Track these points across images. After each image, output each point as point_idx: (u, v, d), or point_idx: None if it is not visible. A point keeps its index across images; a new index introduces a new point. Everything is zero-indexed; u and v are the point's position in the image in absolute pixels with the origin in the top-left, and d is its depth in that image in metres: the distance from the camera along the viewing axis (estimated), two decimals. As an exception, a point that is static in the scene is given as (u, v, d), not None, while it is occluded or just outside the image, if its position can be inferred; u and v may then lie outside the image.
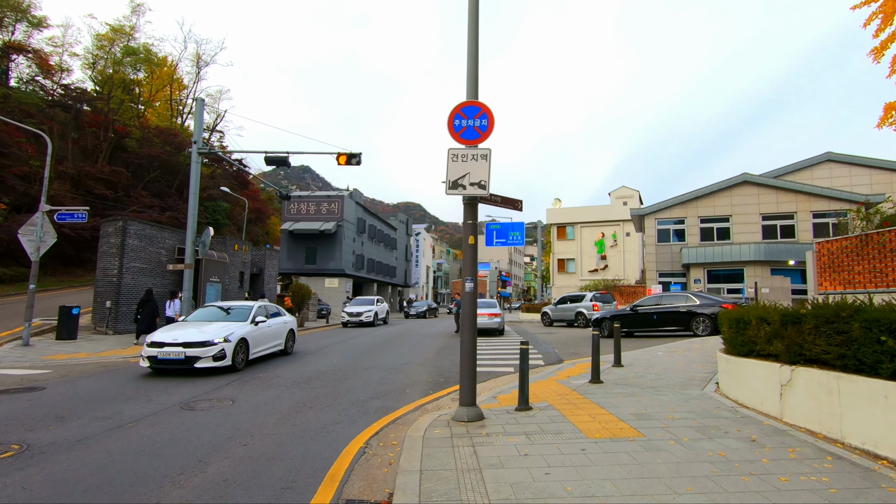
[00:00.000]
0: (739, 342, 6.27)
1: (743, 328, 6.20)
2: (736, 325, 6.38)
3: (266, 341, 11.32)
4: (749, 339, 6.04)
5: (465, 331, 5.69)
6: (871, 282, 9.69)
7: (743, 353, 6.19)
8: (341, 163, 14.31)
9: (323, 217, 36.64)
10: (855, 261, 10.08)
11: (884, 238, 9.36)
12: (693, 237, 28.02)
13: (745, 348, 6.15)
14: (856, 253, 10.07)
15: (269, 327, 11.53)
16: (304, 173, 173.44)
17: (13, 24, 40.68)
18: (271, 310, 12.36)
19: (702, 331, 14.06)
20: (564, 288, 41.19)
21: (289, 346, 12.46)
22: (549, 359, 11.63)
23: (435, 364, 10.95)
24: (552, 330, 21.44)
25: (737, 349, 6.34)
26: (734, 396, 6.29)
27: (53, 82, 41.16)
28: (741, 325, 6.26)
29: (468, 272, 5.79)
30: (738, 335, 6.32)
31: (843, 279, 10.38)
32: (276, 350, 11.89)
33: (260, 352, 10.99)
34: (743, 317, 6.27)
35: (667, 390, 7.04)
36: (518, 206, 6.54)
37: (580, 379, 8.27)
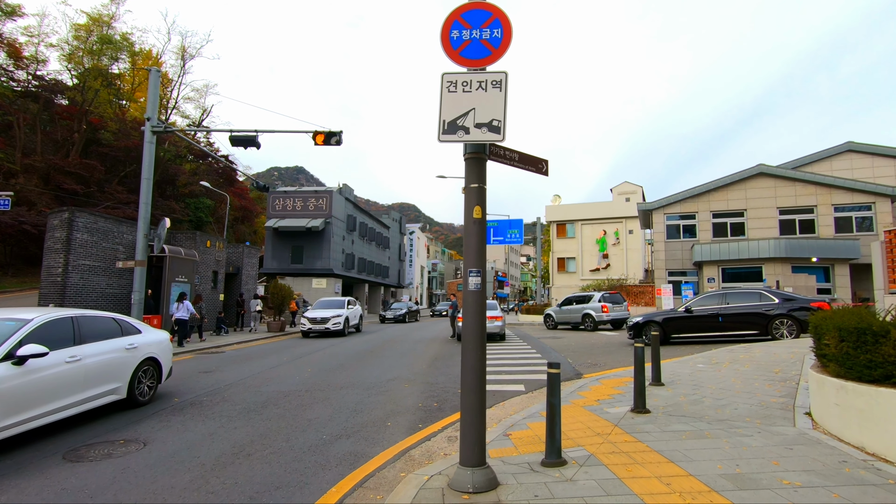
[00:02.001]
0: (863, 362, 4.34)
1: (871, 342, 4.27)
2: (856, 338, 4.45)
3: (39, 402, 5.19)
4: (886, 358, 4.12)
5: (469, 351, 3.73)
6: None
7: (872, 379, 4.26)
8: (318, 142, 12.31)
9: (310, 214, 34.56)
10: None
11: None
12: (705, 233, 26.21)
13: (876, 372, 4.23)
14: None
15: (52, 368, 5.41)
16: (298, 174, 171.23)
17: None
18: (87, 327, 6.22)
19: (785, 334, 11.89)
20: (564, 288, 39.32)
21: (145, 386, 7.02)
22: (565, 373, 9.67)
23: (427, 380, 8.96)
24: (557, 334, 19.52)
25: (858, 372, 4.41)
26: (857, 441, 4.36)
27: (28, 73, 38.84)
28: (866, 337, 4.33)
29: (473, 261, 3.82)
30: (859, 352, 4.39)
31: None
32: (99, 403, 6.14)
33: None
34: (869, 325, 4.34)
35: (745, 426, 5.10)
36: (542, 167, 4.58)
37: (615, 404, 6.32)
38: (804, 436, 4.73)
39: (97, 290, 15.03)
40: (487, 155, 4.01)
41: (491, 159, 4.14)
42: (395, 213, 57.22)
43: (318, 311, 19.64)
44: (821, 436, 4.71)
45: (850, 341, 4.53)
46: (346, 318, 19.60)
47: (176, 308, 15.15)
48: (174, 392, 7.96)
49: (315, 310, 20.17)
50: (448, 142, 3.77)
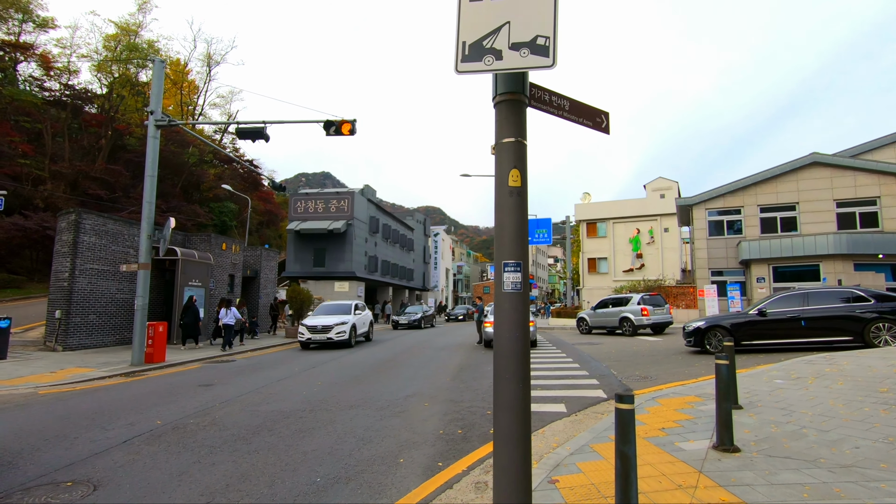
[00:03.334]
0: None
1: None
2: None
3: None
4: None
5: (505, 383, 2.52)
6: None
7: None
8: (330, 132, 11.28)
9: (332, 216, 33.85)
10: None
11: None
12: (752, 229, 24.20)
13: None
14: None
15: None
16: (325, 179, 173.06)
17: (19, 24, 39.30)
18: None
19: (887, 341, 10.09)
20: (596, 290, 37.52)
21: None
22: (610, 387, 8.31)
23: (450, 397, 7.74)
24: (593, 339, 18.02)
25: None
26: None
27: (60, 84, 39.55)
28: None
29: (510, 250, 2.60)
30: None
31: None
32: None
33: None
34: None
35: (883, 475, 3.70)
36: (602, 121, 3.31)
37: (688, 435, 4.97)
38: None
39: (106, 296, 14.39)
40: (527, 96, 2.78)
41: (533, 106, 2.90)
42: (418, 215, 56.27)
43: (318, 318, 16.57)
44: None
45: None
46: (353, 326, 16.59)
47: (224, 314, 15.50)
48: (160, 412, 6.97)
49: (315, 316, 17.16)
50: (470, 72, 2.56)
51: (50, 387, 8.86)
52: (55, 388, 8.86)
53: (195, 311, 15.45)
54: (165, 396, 8.12)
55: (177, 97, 50.18)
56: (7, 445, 5.35)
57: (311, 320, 16.47)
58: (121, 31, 43.60)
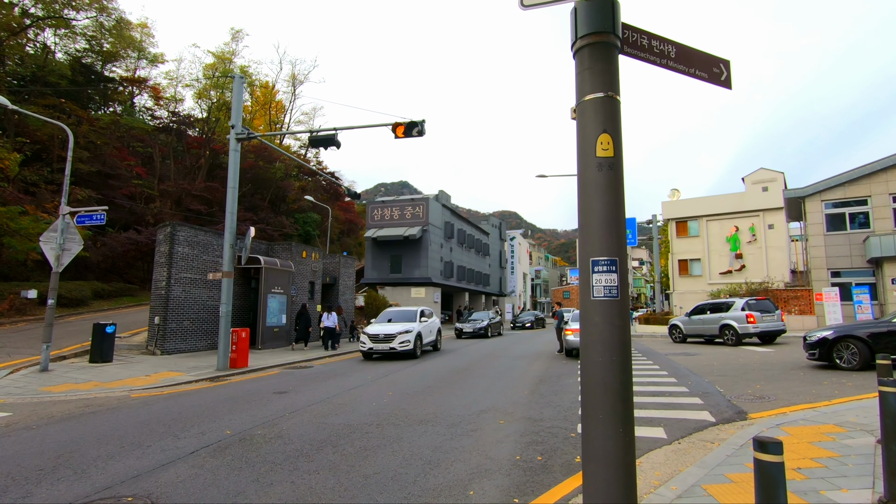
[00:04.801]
0: None
1: None
2: None
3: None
4: None
5: (598, 439, 1.80)
6: None
7: None
8: (399, 134, 11.04)
9: (407, 222, 34.17)
10: None
11: None
12: (883, 221, 20.80)
13: None
14: None
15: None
16: (403, 188, 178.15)
17: (135, 61, 44.33)
18: None
19: None
20: (688, 294, 34.47)
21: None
22: (719, 409, 7.10)
23: (528, 414, 7.00)
24: (688, 349, 16.23)
25: None
26: None
27: (168, 111, 44.00)
28: None
29: (600, 244, 1.92)
30: None
31: None
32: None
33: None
34: None
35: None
36: (721, 72, 2.50)
37: (837, 481, 3.87)
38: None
39: (199, 303, 15.27)
40: (619, 38, 2.08)
41: (627, 53, 2.19)
42: (494, 220, 55.54)
43: (381, 326, 15.32)
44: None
45: None
46: (419, 335, 15.21)
47: (326, 318, 17.44)
48: (232, 421, 6.93)
49: (378, 324, 15.89)
50: (540, 4, 1.92)
51: (142, 390, 9.32)
52: (146, 391, 9.31)
53: (307, 317, 17.34)
54: (241, 403, 8.16)
55: (266, 117, 53.86)
56: (87, 451, 5.46)
57: (373, 328, 15.29)
58: (217, 59, 47.65)
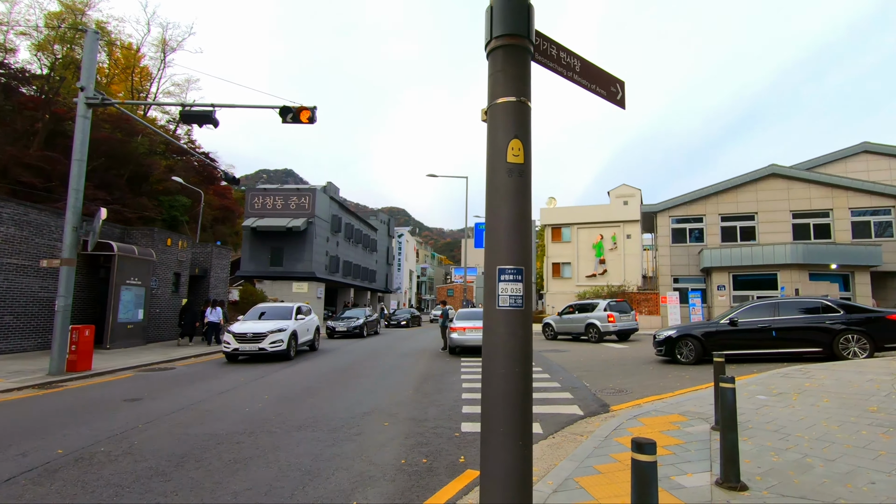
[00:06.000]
0: None
1: None
2: None
3: None
4: None
5: (498, 454, 1.75)
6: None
7: None
8: (287, 120, 10.30)
9: (291, 213, 32.35)
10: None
11: None
12: (713, 237, 24.59)
13: None
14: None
15: None
16: (287, 176, 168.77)
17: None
18: None
19: (856, 353, 10.02)
20: (560, 294, 37.59)
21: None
22: (587, 403, 7.73)
23: (413, 415, 6.95)
24: (559, 346, 17.62)
25: None
26: None
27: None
28: None
29: (507, 252, 1.87)
30: None
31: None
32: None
33: None
34: None
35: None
36: (616, 91, 2.63)
37: (683, 466, 4.38)
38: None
39: (28, 295, 12.79)
40: (533, 44, 2.06)
41: (538, 61, 2.19)
42: (382, 216, 55.12)
43: (250, 324, 13.57)
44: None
45: None
46: (294, 334, 13.77)
47: (210, 312, 16.88)
48: (67, 437, 5.86)
49: (247, 321, 14.09)
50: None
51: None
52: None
53: (194, 311, 17.24)
54: (80, 415, 6.96)
55: (127, 83, 47.03)
56: None
57: (241, 326, 13.52)
58: (65, 8, 40.50)
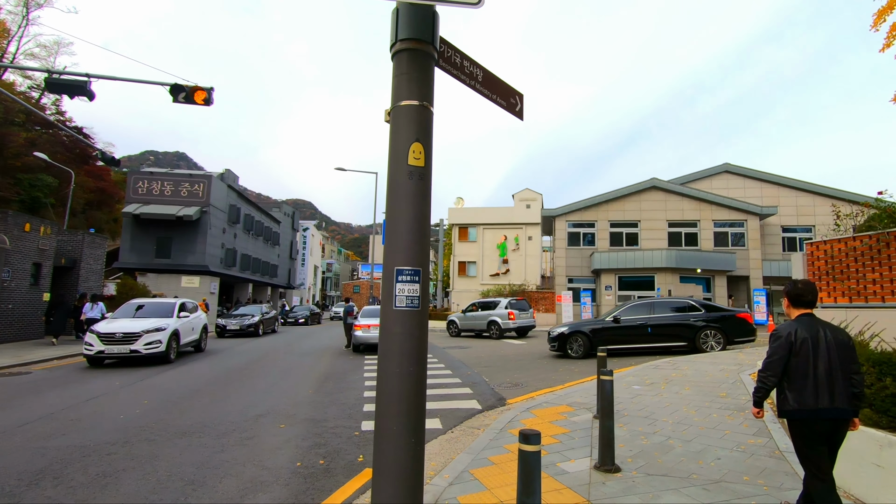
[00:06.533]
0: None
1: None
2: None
3: None
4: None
5: (389, 452, 1.77)
6: (892, 293, 7.57)
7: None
8: (179, 99, 9.43)
9: (183, 200, 29.63)
10: (868, 266, 7.96)
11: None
12: (603, 241, 26.80)
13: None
14: (870, 257, 7.95)
15: None
16: (179, 160, 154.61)
17: None
18: None
19: (712, 346, 11.62)
20: (465, 292, 38.63)
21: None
22: (485, 397, 8.05)
23: (311, 415, 6.75)
24: (462, 342, 18.12)
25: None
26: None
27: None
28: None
29: (405, 253, 1.91)
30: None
31: (850, 289, 8.25)
32: None
33: None
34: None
35: (751, 491, 3.77)
36: (516, 103, 2.78)
37: (568, 453, 4.75)
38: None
39: None
40: (437, 50, 2.11)
41: (441, 67, 2.24)
42: (287, 207, 52.59)
43: (121, 322, 11.80)
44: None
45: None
46: (175, 333, 12.25)
47: (89, 308, 15.63)
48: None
49: (119, 319, 12.22)
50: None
51: None
52: None
53: (67, 306, 16.40)
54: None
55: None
56: None
57: (108, 324, 11.67)
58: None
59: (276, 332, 24.64)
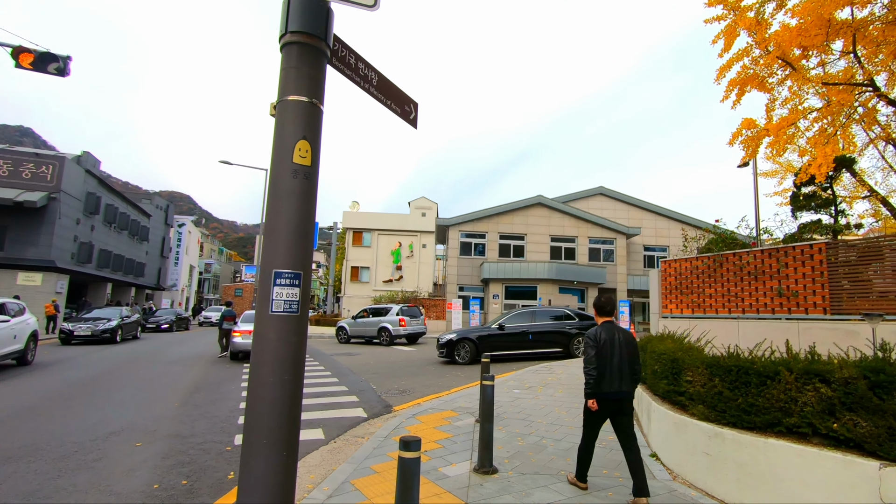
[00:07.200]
0: (742, 406, 3.77)
1: (756, 383, 3.71)
2: (735, 377, 3.88)
3: None
4: (773, 403, 3.56)
5: (258, 466, 1.66)
6: (723, 306, 8.94)
7: (753, 426, 3.70)
8: (24, 64, 8.05)
9: (25, 183, 25.22)
10: (707, 283, 9.31)
11: (742, 261, 8.65)
12: (493, 252, 28.08)
13: (758, 418, 3.66)
14: (708, 274, 9.31)
15: None
16: (23, 136, 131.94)
17: None
18: None
19: (583, 352, 12.39)
20: (357, 298, 37.88)
21: None
22: (370, 404, 7.94)
23: (176, 431, 6.10)
24: (351, 349, 17.71)
25: (733, 417, 3.84)
26: (735, 500, 3.73)
27: None
28: (749, 377, 3.77)
29: (285, 256, 1.81)
30: (737, 394, 3.83)
31: (692, 302, 9.57)
32: None
33: None
34: (751, 364, 3.80)
35: (609, 482, 4.18)
36: (411, 112, 2.80)
37: (450, 457, 4.85)
38: (674, 493, 3.99)
39: None
40: (330, 48, 2.06)
41: (335, 66, 2.18)
42: (160, 200, 47.37)
43: None
44: (689, 491, 4.03)
45: (727, 381, 3.96)
46: None
47: None
48: None
49: None
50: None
51: None
52: None
53: None
54: None
55: None
56: None
57: None
58: None
59: (140, 339, 21.96)
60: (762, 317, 8.23)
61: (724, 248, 9.82)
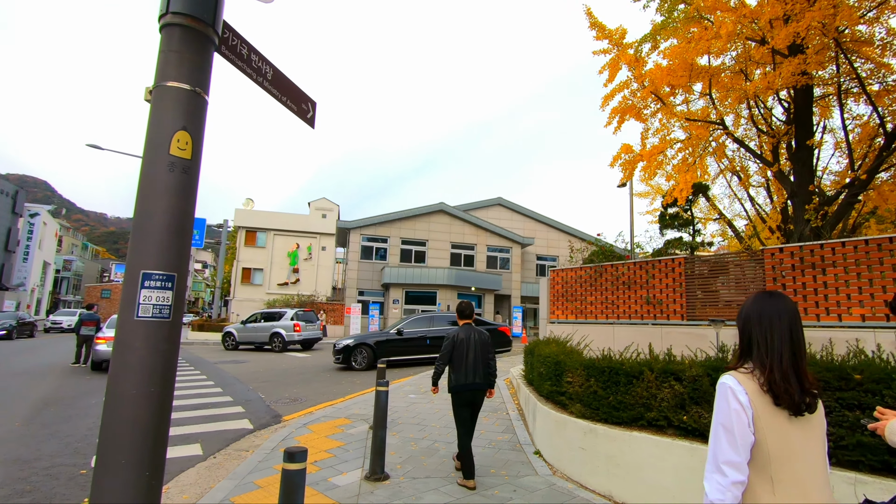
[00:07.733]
0: (613, 403, 4.17)
1: (624, 383, 4.12)
2: (607, 377, 4.27)
3: None
4: (638, 399, 3.98)
5: (113, 490, 1.48)
6: (602, 313, 9.82)
7: (621, 421, 4.10)
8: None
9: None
10: (588, 291, 10.16)
11: (618, 272, 9.58)
12: (394, 257, 28.03)
13: (625, 413, 4.07)
14: (589, 283, 10.16)
15: None
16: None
17: None
18: None
19: None
20: (248, 302, 35.51)
21: None
22: (257, 414, 7.48)
23: (17, 455, 5.22)
24: (239, 356, 16.53)
25: (605, 413, 4.22)
26: (604, 489, 4.09)
27: None
28: (618, 377, 4.18)
29: (157, 256, 1.64)
30: (609, 392, 4.22)
31: (576, 308, 10.38)
32: None
33: None
34: (620, 365, 4.21)
35: (496, 481, 4.36)
36: (308, 111, 2.71)
37: (341, 467, 4.73)
38: (553, 488, 4.27)
39: None
40: (218, 35, 1.92)
41: (224, 55, 2.05)
42: (8, 185, 40.58)
43: None
44: (566, 484, 4.34)
45: (601, 381, 4.35)
46: None
47: None
48: None
49: None
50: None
51: None
52: None
53: None
54: None
55: None
56: None
57: None
58: None
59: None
60: (633, 322, 9.16)
61: (604, 259, 10.81)
